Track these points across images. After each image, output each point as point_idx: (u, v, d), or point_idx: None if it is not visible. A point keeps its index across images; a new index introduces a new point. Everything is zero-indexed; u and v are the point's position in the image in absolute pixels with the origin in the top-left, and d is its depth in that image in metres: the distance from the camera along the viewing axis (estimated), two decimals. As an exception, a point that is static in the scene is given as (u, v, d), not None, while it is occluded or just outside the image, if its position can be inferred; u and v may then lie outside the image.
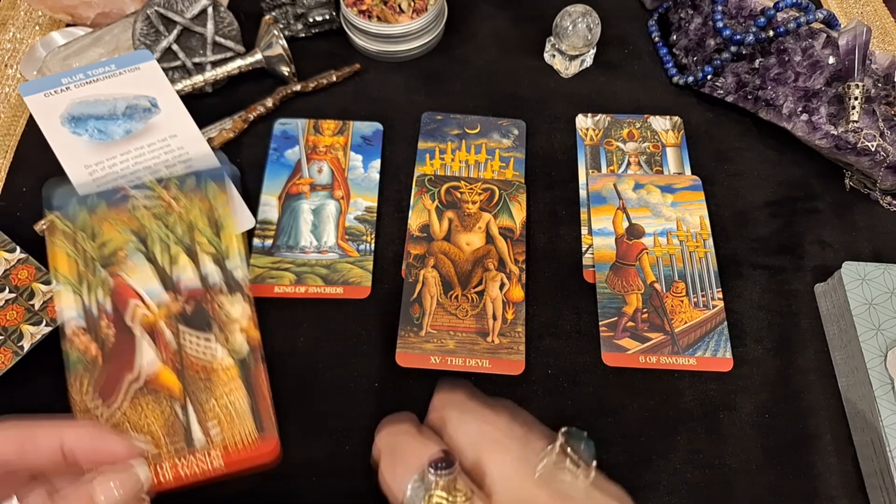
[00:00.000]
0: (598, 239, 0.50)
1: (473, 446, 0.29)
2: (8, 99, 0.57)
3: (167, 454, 0.31)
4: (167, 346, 0.33)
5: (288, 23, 0.61)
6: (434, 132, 0.56)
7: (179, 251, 0.34)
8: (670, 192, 0.52)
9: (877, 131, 0.51)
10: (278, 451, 0.33)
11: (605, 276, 0.49)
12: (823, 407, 0.45)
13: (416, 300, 0.46)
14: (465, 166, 0.54)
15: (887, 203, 0.54)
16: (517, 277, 0.48)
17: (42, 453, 0.28)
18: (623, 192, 0.52)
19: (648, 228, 0.51)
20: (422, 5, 0.59)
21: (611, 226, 0.51)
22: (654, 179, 0.53)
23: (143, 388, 0.33)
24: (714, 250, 0.50)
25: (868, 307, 0.44)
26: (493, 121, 0.57)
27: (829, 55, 0.51)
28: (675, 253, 0.50)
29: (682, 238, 0.50)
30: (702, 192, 0.52)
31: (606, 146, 0.56)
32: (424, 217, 0.50)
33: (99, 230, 0.34)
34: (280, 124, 0.55)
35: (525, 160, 0.55)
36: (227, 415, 0.32)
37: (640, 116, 0.58)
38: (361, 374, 0.45)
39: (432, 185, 0.51)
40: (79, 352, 0.33)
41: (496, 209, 0.51)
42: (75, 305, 0.33)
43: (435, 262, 0.48)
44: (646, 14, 0.66)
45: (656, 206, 0.52)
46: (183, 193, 0.35)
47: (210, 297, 0.34)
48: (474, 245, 0.49)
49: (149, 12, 0.54)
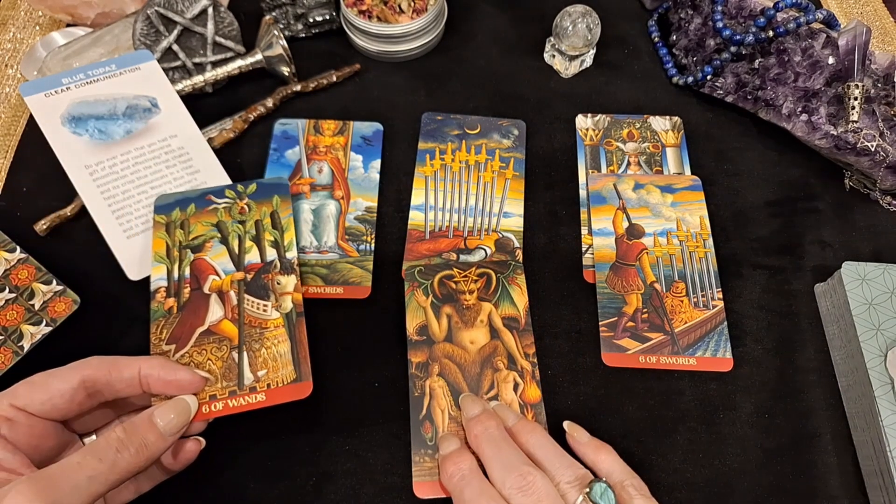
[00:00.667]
0: (598, 239, 0.50)
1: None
2: (8, 99, 0.57)
3: (222, 395, 0.38)
4: (232, 305, 0.42)
5: (288, 23, 0.61)
6: (434, 132, 0.56)
7: (249, 242, 0.44)
8: (670, 192, 0.52)
9: (876, 131, 0.51)
10: (311, 390, 0.39)
11: (606, 276, 0.48)
12: (823, 407, 0.45)
13: (425, 417, 0.42)
14: (465, 167, 0.54)
15: (887, 203, 0.54)
16: (530, 374, 0.44)
17: (124, 378, 0.35)
18: (623, 192, 0.52)
19: (648, 228, 0.50)
20: (422, 5, 0.59)
21: (611, 226, 0.51)
22: (654, 179, 0.53)
23: (207, 331, 0.41)
24: (714, 250, 0.50)
25: (868, 307, 0.44)
26: (493, 121, 0.57)
27: (829, 55, 0.51)
28: (675, 253, 0.49)
29: (682, 238, 0.50)
30: (702, 192, 0.52)
31: (606, 146, 0.56)
32: (421, 317, 0.45)
33: (190, 225, 0.44)
34: (280, 124, 0.56)
35: (525, 160, 0.55)
36: (273, 361, 0.40)
37: (639, 116, 0.58)
38: (362, 374, 0.45)
39: (423, 277, 0.47)
40: (159, 304, 0.42)
41: (496, 297, 0.46)
42: (162, 273, 0.43)
43: (440, 370, 0.43)
44: (646, 14, 0.66)
45: (656, 206, 0.51)
46: (253, 201, 0.46)
47: (271, 276, 0.43)
48: (479, 343, 0.44)
49: (149, 12, 0.54)
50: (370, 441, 0.43)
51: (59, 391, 0.33)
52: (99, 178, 0.48)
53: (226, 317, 0.41)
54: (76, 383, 0.34)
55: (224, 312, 0.41)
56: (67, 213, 0.49)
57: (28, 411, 0.33)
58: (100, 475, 0.30)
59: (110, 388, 0.35)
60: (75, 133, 0.48)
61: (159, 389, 0.36)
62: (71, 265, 0.47)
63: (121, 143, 0.49)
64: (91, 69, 0.50)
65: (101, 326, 0.46)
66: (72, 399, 0.34)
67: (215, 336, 0.40)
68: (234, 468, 0.41)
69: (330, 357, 0.45)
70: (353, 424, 0.43)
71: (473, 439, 0.38)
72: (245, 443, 0.42)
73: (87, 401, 0.35)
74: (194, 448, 0.37)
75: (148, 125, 0.50)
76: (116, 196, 0.48)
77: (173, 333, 0.40)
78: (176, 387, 0.36)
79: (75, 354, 0.44)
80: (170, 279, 0.42)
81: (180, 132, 0.51)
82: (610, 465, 0.38)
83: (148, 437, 0.33)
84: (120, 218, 0.47)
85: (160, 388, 0.36)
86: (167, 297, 0.42)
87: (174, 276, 0.42)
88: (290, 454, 0.42)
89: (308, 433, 0.43)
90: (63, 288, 0.45)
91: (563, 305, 0.48)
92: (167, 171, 0.49)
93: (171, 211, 0.45)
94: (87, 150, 0.48)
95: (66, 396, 0.33)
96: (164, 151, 0.50)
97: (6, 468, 0.31)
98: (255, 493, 0.41)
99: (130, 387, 0.35)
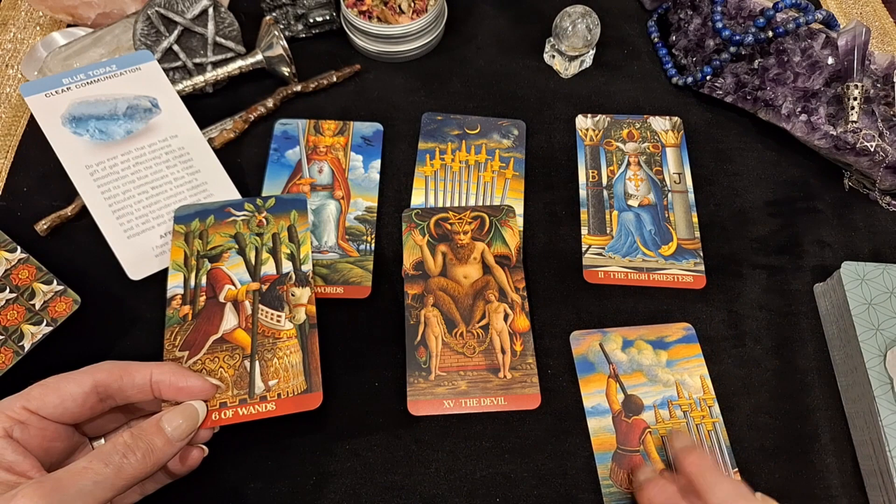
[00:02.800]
0: (592, 421, 0.44)
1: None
2: (9, 99, 0.57)
3: (232, 403, 0.39)
4: (246, 314, 0.42)
5: (288, 23, 0.61)
6: (434, 132, 0.56)
7: (266, 254, 0.44)
8: (663, 349, 0.46)
9: (876, 131, 0.51)
10: (321, 401, 0.39)
11: (609, 470, 0.42)
12: (823, 407, 0.45)
13: (420, 343, 0.45)
14: (465, 167, 0.54)
15: (886, 203, 0.54)
16: (520, 306, 0.46)
17: (136, 384, 0.35)
18: (611, 353, 0.46)
19: (647, 399, 0.44)
20: (422, 6, 0.59)
21: (604, 401, 0.44)
22: (643, 333, 0.47)
23: (221, 339, 0.41)
24: (722, 419, 0.44)
25: (867, 307, 0.45)
26: (493, 121, 0.57)
27: (829, 56, 0.52)
28: (681, 429, 0.44)
29: (685, 408, 0.44)
30: (697, 343, 0.47)
31: (606, 146, 0.56)
32: (417, 253, 0.48)
33: (208, 235, 0.45)
34: (280, 124, 0.56)
35: (525, 160, 0.55)
36: (284, 371, 0.40)
37: (639, 117, 0.58)
38: (362, 374, 0.45)
39: (420, 219, 0.49)
40: (175, 311, 0.42)
41: (489, 237, 0.49)
42: (179, 281, 0.43)
43: (435, 301, 0.46)
44: (645, 15, 0.66)
45: (651, 368, 0.46)
46: (271, 215, 0.46)
47: (286, 287, 0.43)
48: (472, 277, 0.47)
49: (149, 13, 0.54)
50: (370, 440, 0.43)
51: (71, 395, 0.33)
52: (99, 178, 0.48)
53: (240, 326, 0.41)
54: (89, 387, 0.34)
55: (238, 321, 0.42)
56: (68, 213, 0.49)
57: (40, 414, 0.33)
58: (106, 480, 0.30)
59: (122, 393, 0.35)
60: (76, 133, 0.48)
61: (170, 395, 0.36)
62: (71, 265, 0.47)
63: (121, 143, 0.49)
64: (91, 69, 0.50)
65: (101, 326, 0.46)
66: (84, 403, 0.34)
67: (228, 344, 0.41)
68: (235, 467, 0.41)
69: (330, 356, 0.45)
70: (354, 424, 0.43)
71: (689, 466, 0.38)
72: (245, 442, 0.42)
73: (99, 405, 0.35)
74: (198, 455, 0.37)
75: (148, 125, 0.50)
76: (117, 196, 0.48)
77: (187, 340, 0.41)
78: (187, 393, 0.36)
79: (76, 354, 0.45)
80: (186, 287, 0.43)
81: (181, 132, 0.51)
82: (723, 486, 0.37)
83: (155, 441, 0.33)
84: (120, 218, 0.47)
85: (171, 394, 0.36)
86: (182, 304, 0.42)
87: (190, 285, 0.43)
88: (290, 453, 0.42)
89: (308, 432, 0.43)
90: (63, 288, 0.45)
91: (563, 305, 0.48)
92: (167, 172, 0.49)
93: (190, 221, 0.45)
94: (87, 150, 0.48)
95: (78, 400, 0.33)
96: (165, 151, 0.50)
97: (16, 471, 0.31)
98: (255, 492, 0.41)
99: (142, 392, 0.36)
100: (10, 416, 0.32)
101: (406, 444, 0.43)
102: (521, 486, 0.42)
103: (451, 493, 0.41)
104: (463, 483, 0.42)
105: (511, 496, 0.41)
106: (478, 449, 0.43)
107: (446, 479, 0.42)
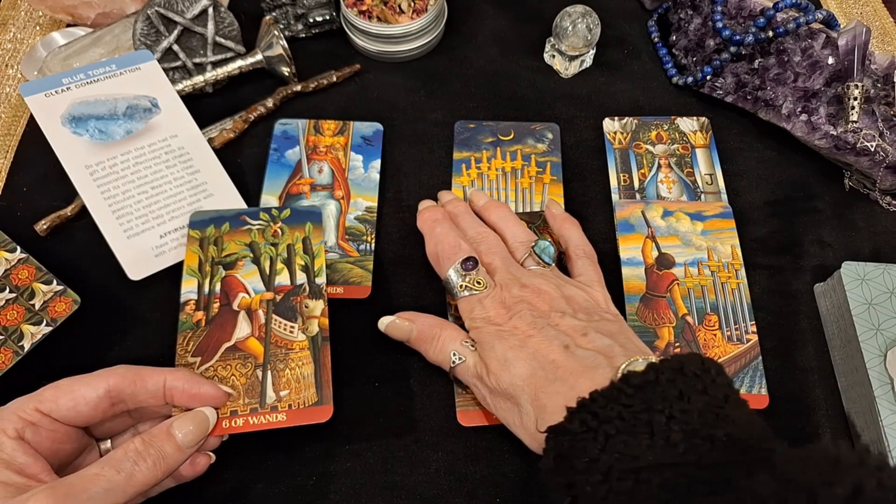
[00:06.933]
0: (626, 269, 0.48)
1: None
2: (8, 99, 0.57)
3: (243, 411, 0.39)
4: (259, 323, 0.42)
5: (288, 23, 0.61)
6: (468, 141, 0.55)
7: (280, 265, 0.45)
8: (700, 220, 0.51)
9: (876, 131, 0.51)
10: (331, 414, 0.40)
11: (636, 309, 0.47)
12: (823, 407, 0.45)
13: None
14: (501, 174, 0.54)
15: (887, 203, 0.54)
16: None
17: (149, 389, 0.35)
18: (651, 219, 0.50)
19: (679, 258, 0.49)
20: (422, 6, 0.59)
21: (640, 255, 0.49)
22: (683, 206, 0.51)
23: (233, 347, 0.41)
24: (746, 280, 0.48)
25: (867, 307, 0.45)
26: (525, 125, 0.56)
27: (829, 55, 0.52)
28: (707, 284, 0.48)
29: (713, 268, 0.48)
30: (732, 219, 0.51)
31: (636, 149, 0.56)
32: None
33: (223, 242, 0.45)
34: (280, 124, 0.56)
35: (562, 163, 0.54)
36: (296, 382, 0.40)
37: (666, 118, 0.57)
38: (362, 374, 0.45)
39: None
40: (188, 316, 0.42)
41: None
42: (193, 287, 0.43)
43: None
44: (645, 14, 0.66)
45: (686, 234, 0.50)
46: (286, 226, 0.46)
47: (299, 298, 0.43)
48: None
49: (149, 12, 0.54)
50: (370, 440, 0.43)
51: (84, 398, 0.33)
52: (99, 178, 0.48)
53: (253, 334, 0.42)
54: (102, 391, 0.34)
55: (251, 330, 0.42)
56: (68, 213, 0.49)
57: (52, 416, 0.33)
58: (117, 487, 0.31)
59: (134, 398, 0.35)
60: (76, 133, 0.48)
61: (183, 402, 0.36)
62: (71, 265, 0.47)
63: (121, 143, 0.49)
64: (91, 69, 0.50)
65: (101, 326, 0.46)
66: (96, 406, 0.34)
67: (241, 352, 0.41)
68: (235, 467, 0.41)
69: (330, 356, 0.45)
70: (354, 424, 0.43)
71: (450, 214, 0.46)
72: (246, 442, 0.42)
73: (111, 409, 0.35)
74: (205, 462, 0.38)
75: (148, 125, 0.50)
76: (117, 196, 0.48)
77: (200, 346, 0.41)
78: (200, 400, 0.37)
79: (76, 354, 0.45)
80: (200, 293, 0.43)
81: (180, 132, 0.51)
82: (571, 233, 0.45)
83: (166, 448, 0.33)
84: (120, 218, 0.47)
85: (184, 400, 0.36)
86: (196, 309, 0.42)
87: (204, 291, 0.43)
88: (290, 453, 0.42)
89: (308, 433, 0.43)
90: (63, 288, 0.45)
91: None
92: (167, 171, 0.49)
93: (205, 227, 0.46)
94: (87, 150, 0.48)
95: (91, 403, 0.34)
96: (165, 151, 0.50)
97: (27, 473, 0.31)
98: (255, 491, 0.41)
99: (154, 397, 0.36)
100: (23, 417, 0.32)
101: (406, 444, 0.43)
102: (522, 486, 0.42)
103: (451, 493, 0.41)
104: (463, 483, 0.41)
105: (511, 496, 0.41)
106: (478, 449, 0.43)
107: (446, 479, 0.42)
